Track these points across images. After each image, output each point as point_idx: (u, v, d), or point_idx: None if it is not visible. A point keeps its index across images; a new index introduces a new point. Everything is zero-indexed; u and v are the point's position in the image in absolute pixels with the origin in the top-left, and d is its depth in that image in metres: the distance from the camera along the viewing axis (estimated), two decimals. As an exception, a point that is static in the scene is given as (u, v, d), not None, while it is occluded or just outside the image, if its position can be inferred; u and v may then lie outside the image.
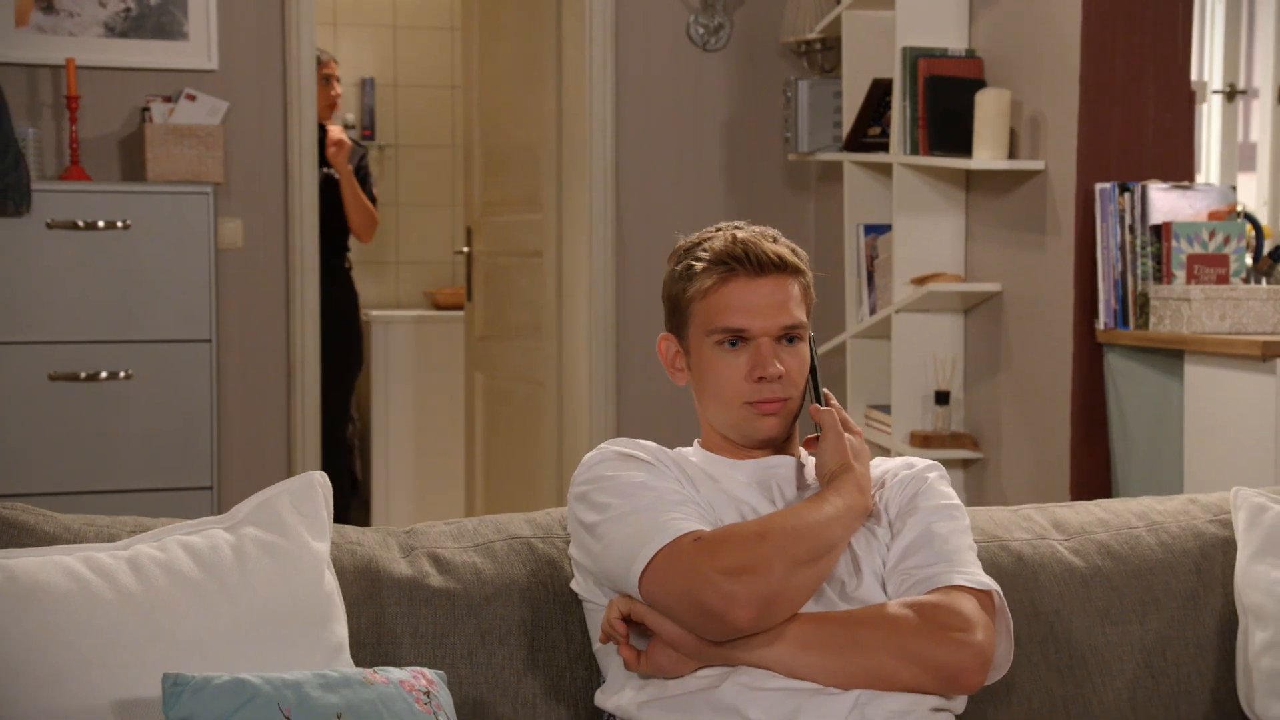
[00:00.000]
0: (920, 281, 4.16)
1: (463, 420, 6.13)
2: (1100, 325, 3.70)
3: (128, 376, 4.41)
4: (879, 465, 2.00)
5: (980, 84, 4.07)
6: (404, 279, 7.22)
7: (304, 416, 4.90)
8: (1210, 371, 3.39)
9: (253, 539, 1.73)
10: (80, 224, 4.36)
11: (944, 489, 1.95)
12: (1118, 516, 2.20)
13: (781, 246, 1.95)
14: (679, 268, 1.96)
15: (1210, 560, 2.14)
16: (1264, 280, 3.72)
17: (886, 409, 4.37)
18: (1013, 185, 4.02)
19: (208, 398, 4.49)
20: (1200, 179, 5.27)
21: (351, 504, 6.80)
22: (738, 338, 1.90)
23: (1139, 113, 3.76)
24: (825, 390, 1.97)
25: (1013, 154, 4.00)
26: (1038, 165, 3.88)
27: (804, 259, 1.97)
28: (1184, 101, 3.79)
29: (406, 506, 6.66)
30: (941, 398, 4.20)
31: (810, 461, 1.96)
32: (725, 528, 1.79)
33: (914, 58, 4.13)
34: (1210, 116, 5.44)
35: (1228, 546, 2.14)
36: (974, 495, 4.25)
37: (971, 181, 4.23)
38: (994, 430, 4.17)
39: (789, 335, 1.92)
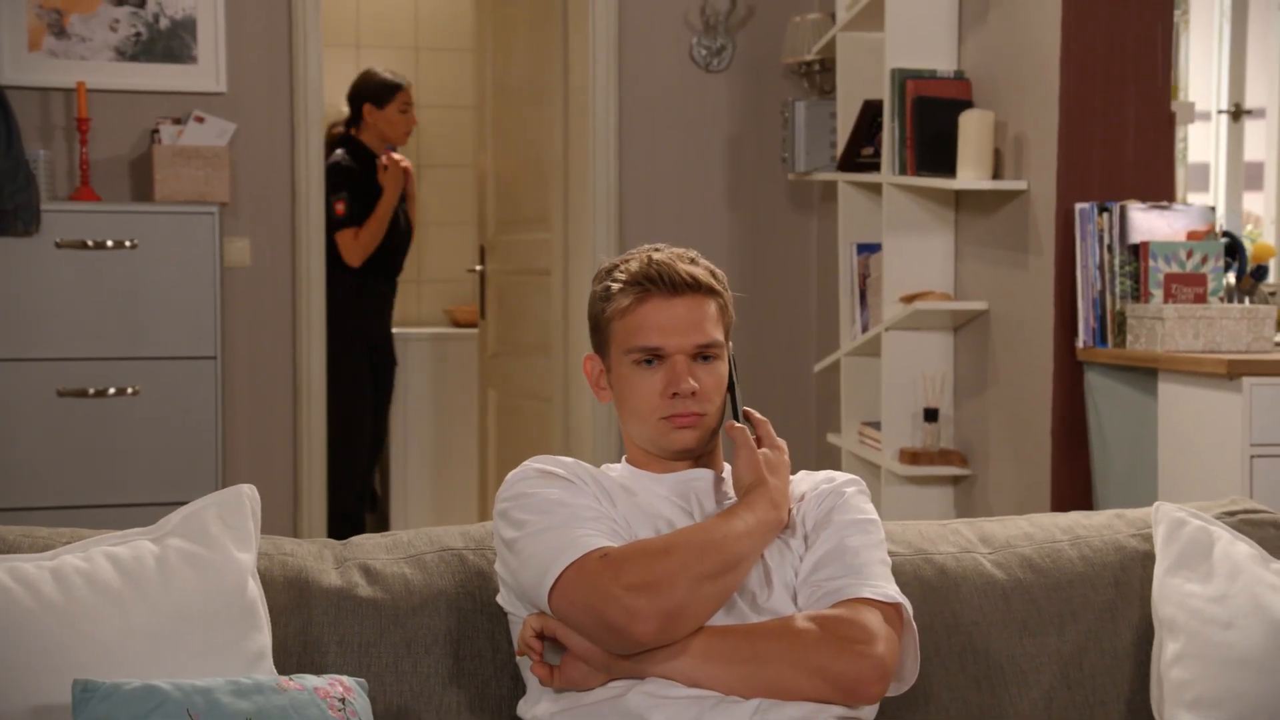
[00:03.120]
0: (908, 300, 4.20)
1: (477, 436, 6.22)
2: (1080, 343, 3.74)
3: (134, 393, 4.51)
4: (803, 480, 2.05)
5: (968, 105, 4.12)
6: (425, 297, 7.31)
7: (310, 433, 4.99)
8: (1181, 389, 3.42)
9: (176, 549, 1.80)
10: (89, 243, 4.47)
11: (861, 504, 2.00)
12: (1043, 530, 2.24)
13: (697, 268, 2.01)
14: (599, 289, 2.02)
15: (1130, 574, 2.18)
16: (1246, 299, 3.75)
17: (879, 426, 4.41)
18: (998, 205, 4.07)
19: (213, 414, 4.59)
20: (1206, 198, 5.31)
21: (368, 518, 6.88)
22: (654, 356, 1.97)
23: (1119, 133, 3.80)
24: (746, 408, 2.02)
25: (998, 174, 4.04)
26: (1020, 185, 3.93)
27: (721, 280, 2.04)
28: (1164, 122, 3.83)
29: (424, 522, 6.74)
30: (931, 415, 4.24)
31: (730, 475, 2.02)
32: (632, 544, 1.85)
33: (902, 79, 4.18)
34: (1218, 136, 5.46)
35: (1148, 560, 2.18)
36: (962, 511, 4.29)
37: (960, 201, 4.28)
38: (982, 447, 4.20)
39: (704, 354, 1.98)
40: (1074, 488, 3.81)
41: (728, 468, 2.02)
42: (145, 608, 1.74)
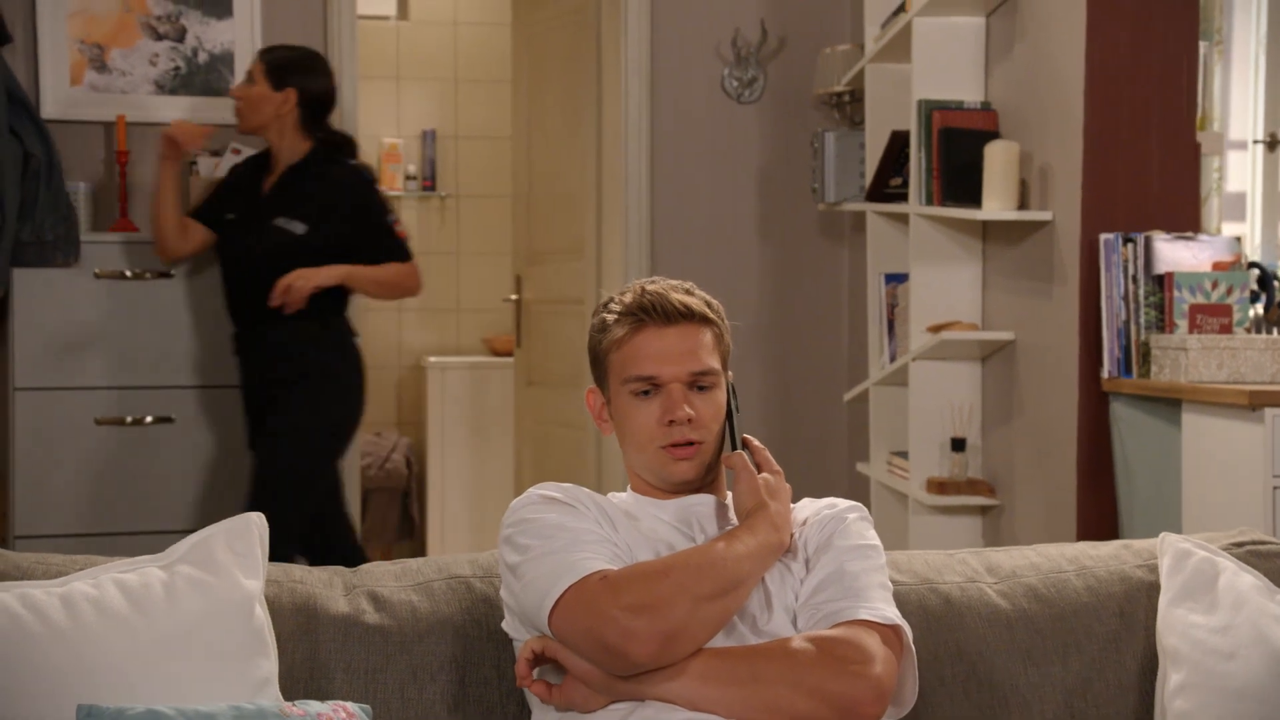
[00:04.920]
0: (935, 330, 4.22)
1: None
2: (1105, 374, 3.74)
3: (170, 421, 4.57)
4: (805, 506, 2.08)
5: (994, 135, 4.13)
6: (463, 326, 7.38)
7: (345, 461, 5.03)
8: (1205, 420, 3.42)
9: (184, 576, 1.84)
10: (127, 274, 4.54)
11: (863, 530, 2.02)
12: (1049, 560, 2.25)
13: (691, 297, 2.04)
14: (595, 321, 2.06)
15: (1135, 604, 2.18)
16: (1275, 330, 3.74)
17: (908, 455, 4.42)
18: (1024, 235, 4.08)
19: (246, 442, 4.63)
20: (1242, 228, 5.29)
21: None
22: (650, 385, 2.00)
23: (1144, 164, 3.81)
24: (745, 435, 2.05)
25: (1024, 205, 4.05)
26: (1045, 216, 3.94)
27: (717, 310, 2.06)
28: (1189, 153, 3.83)
29: (461, 548, 6.78)
30: (958, 445, 4.25)
31: (733, 501, 2.04)
32: (632, 566, 1.88)
33: (929, 110, 4.20)
34: (1253, 166, 5.44)
35: (1154, 591, 2.19)
36: (990, 540, 4.29)
37: (987, 231, 4.29)
38: (1009, 477, 4.20)
39: (699, 382, 2.00)
40: (1100, 518, 3.81)
41: (730, 494, 2.05)
42: (152, 634, 1.77)
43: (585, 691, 1.86)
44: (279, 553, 2.06)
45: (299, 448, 4.28)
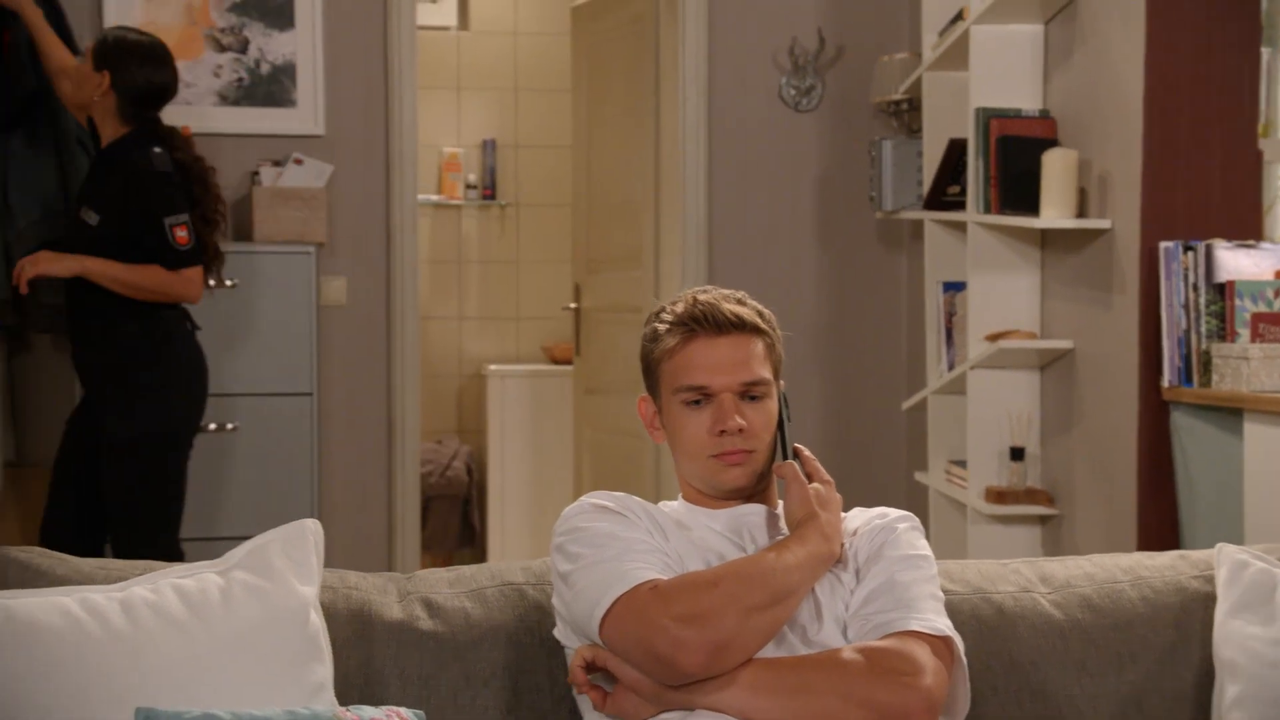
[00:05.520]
0: (993, 338, 4.20)
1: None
2: (1165, 383, 3.71)
3: (234, 429, 4.62)
4: (856, 516, 2.08)
5: (1052, 143, 4.11)
6: (523, 334, 7.41)
7: (404, 467, 5.08)
8: (1267, 430, 3.38)
9: (240, 582, 1.87)
10: (191, 283, 4.59)
11: (913, 540, 2.02)
12: (1104, 571, 2.24)
13: (743, 307, 2.04)
14: (647, 331, 2.07)
15: (1191, 615, 2.17)
16: (1338, 338, 3.70)
17: (966, 464, 4.40)
18: (1083, 244, 4.05)
19: (309, 449, 4.70)
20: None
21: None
22: (701, 395, 2.00)
23: (1204, 171, 3.78)
24: (796, 445, 2.05)
25: (1082, 213, 4.03)
26: (1104, 224, 3.91)
27: (769, 320, 2.06)
28: (1251, 160, 3.80)
29: (522, 556, 6.81)
30: (1017, 454, 4.23)
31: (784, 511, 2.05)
32: (682, 576, 1.89)
33: (987, 118, 4.18)
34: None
35: (1210, 602, 2.17)
36: (1049, 550, 4.26)
37: (1046, 240, 4.27)
38: (1068, 486, 4.18)
39: (750, 392, 2.01)
40: (1161, 528, 3.78)
41: (781, 504, 2.05)
42: (208, 638, 1.80)
43: (635, 700, 1.87)
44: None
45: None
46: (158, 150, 4.07)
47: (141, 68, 4.12)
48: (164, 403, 4.15)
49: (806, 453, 2.05)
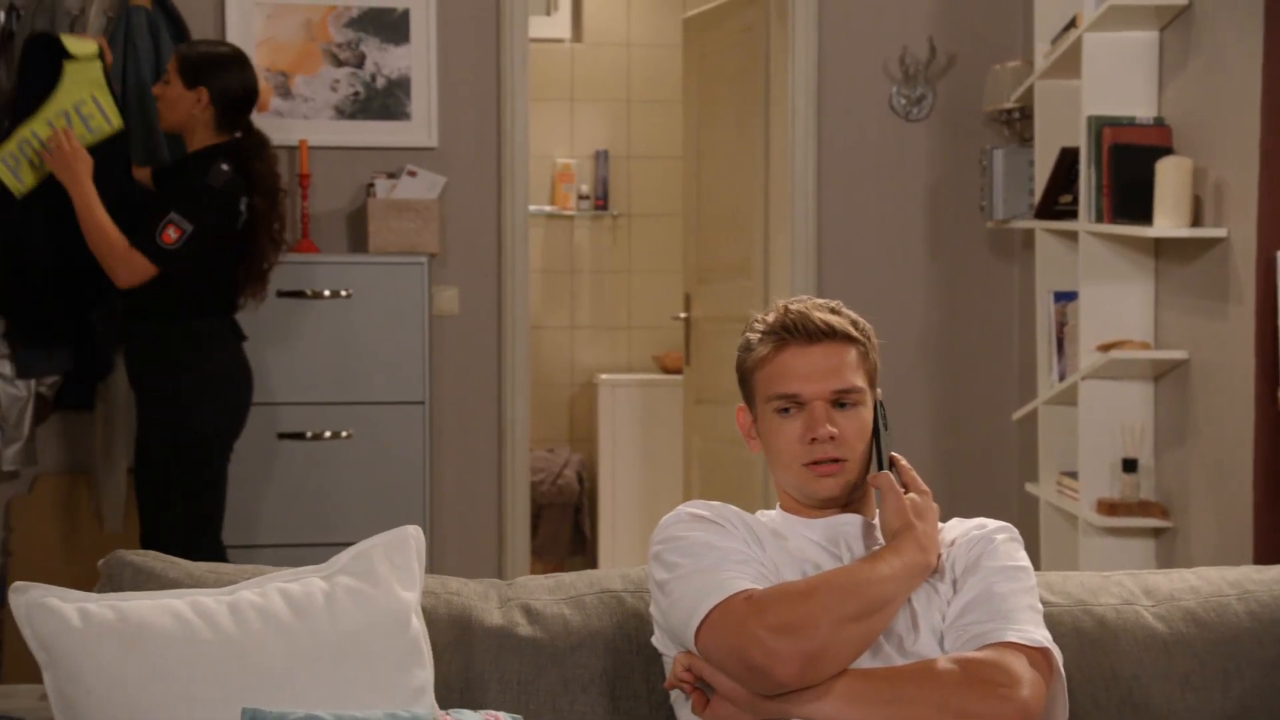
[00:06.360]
0: (1105, 348, 4.15)
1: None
2: (1282, 394, 3.65)
3: (348, 436, 4.71)
4: (954, 526, 2.07)
5: (1166, 151, 4.06)
6: (634, 343, 7.45)
7: (514, 475, 5.13)
8: (1386, 442, 3.31)
9: (344, 587, 1.91)
10: (308, 293, 4.69)
11: (1012, 551, 2.01)
12: (1210, 584, 2.21)
13: (835, 316, 2.05)
14: (741, 341, 2.09)
15: (1299, 631, 2.14)
16: None
17: (1078, 476, 4.35)
18: (1198, 253, 4.00)
19: (421, 457, 4.76)
20: None
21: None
22: (792, 403, 2.02)
23: (1323, 179, 3.70)
24: (893, 454, 2.05)
25: (1197, 221, 3.97)
26: (1220, 233, 3.85)
27: (862, 329, 2.07)
28: (1371, 166, 3.72)
29: (632, 564, 6.83)
30: (1129, 465, 4.17)
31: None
32: (777, 586, 1.90)
33: (1099, 126, 4.14)
34: None
35: (1319, 617, 2.14)
36: (1163, 563, 4.20)
37: (1160, 249, 4.21)
38: (1183, 499, 4.12)
39: (841, 400, 2.02)
40: (1278, 541, 3.71)
41: (878, 514, 2.05)
42: (312, 642, 1.85)
43: (731, 710, 1.89)
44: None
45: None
46: (225, 168, 4.15)
47: (232, 74, 4.23)
48: (198, 411, 4.22)
49: (903, 462, 2.05)
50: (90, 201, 4.11)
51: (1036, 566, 2.06)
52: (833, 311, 2.08)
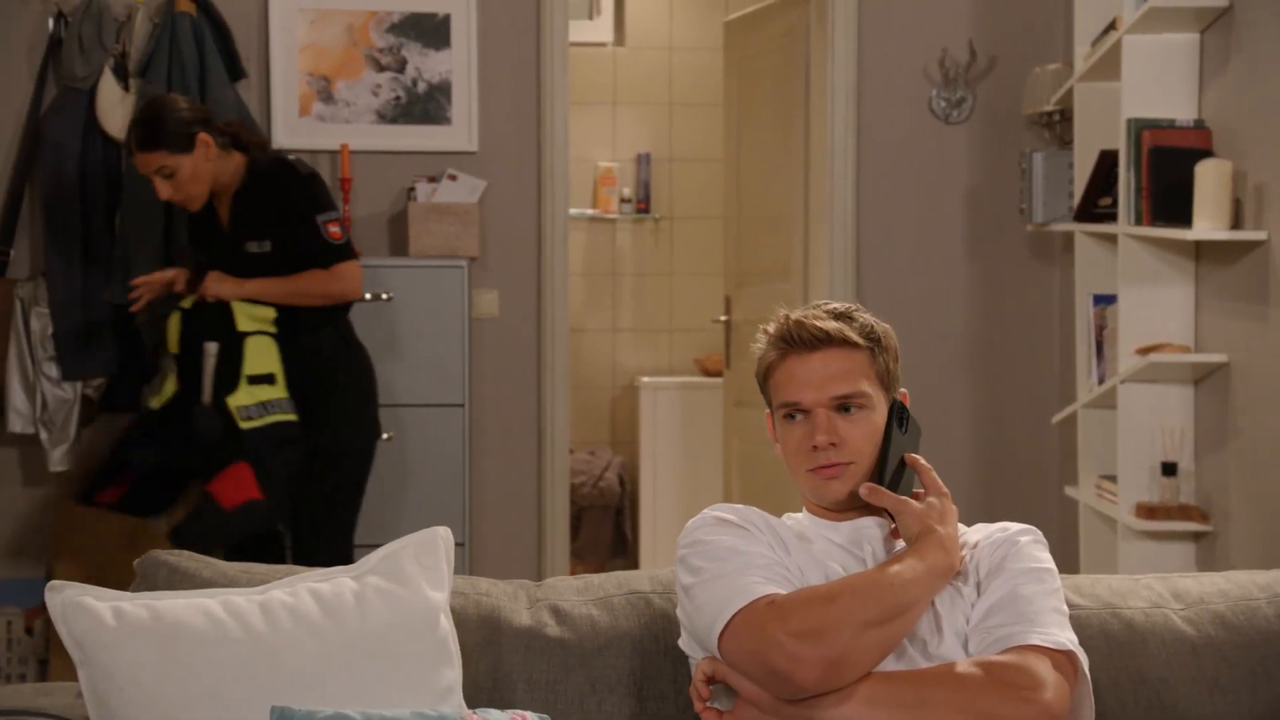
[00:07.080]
0: (1144, 352, 4.14)
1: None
2: (1321, 398, 3.63)
3: (388, 438, 4.74)
4: (977, 529, 2.08)
5: (1206, 154, 4.04)
6: (676, 346, 7.47)
7: (554, 478, 5.16)
8: None
9: (374, 587, 1.93)
10: (349, 296, 4.72)
11: (1036, 553, 2.01)
12: (1240, 587, 2.21)
13: (835, 322, 2.05)
14: (754, 350, 2.11)
15: (1330, 635, 2.13)
16: None
17: (1117, 479, 4.33)
18: (1238, 256, 3.97)
19: (461, 459, 4.79)
20: None
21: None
22: (796, 410, 2.04)
23: (1364, 181, 3.68)
24: (912, 455, 2.04)
25: (1237, 224, 3.95)
26: (1260, 235, 3.83)
27: (868, 332, 2.06)
28: None
29: (668, 567, 6.84)
30: (1169, 469, 4.15)
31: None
32: (799, 591, 1.91)
33: (1139, 128, 4.12)
34: None
35: (1349, 621, 2.13)
36: (1203, 567, 4.17)
37: (1200, 252, 4.19)
38: (1223, 503, 4.09)
39: (845, 404, 2.02)
40: (1317, 546, 3.69)
41: (898, 522, 2.06)
42: (342, 641, 1.87)
43: (755, 714, 1.90)
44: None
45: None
46: (291, 157, 4.25)
47: (193, 109, 4.19)
48: (365, 410, 4.39)
49: (923, 463, 2.05)
50: (252, 289, 4.14)
51: (1076, 570, 2.06)
52: (839, 316, 2.07)
